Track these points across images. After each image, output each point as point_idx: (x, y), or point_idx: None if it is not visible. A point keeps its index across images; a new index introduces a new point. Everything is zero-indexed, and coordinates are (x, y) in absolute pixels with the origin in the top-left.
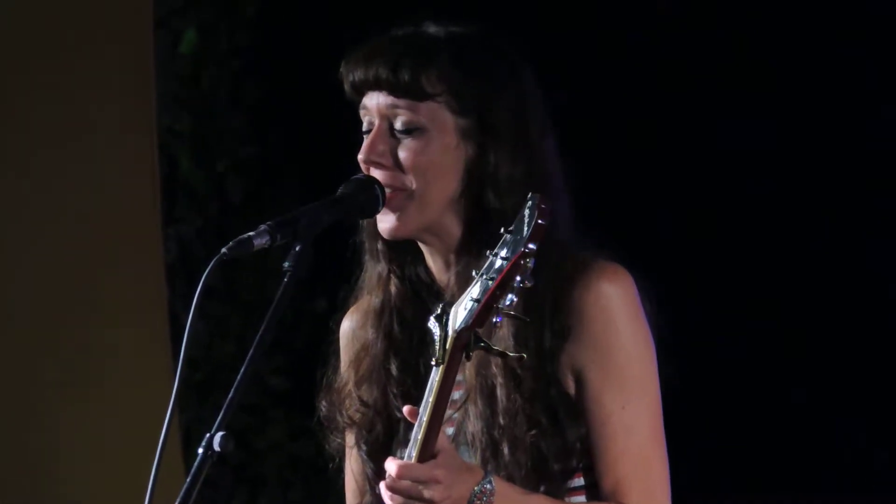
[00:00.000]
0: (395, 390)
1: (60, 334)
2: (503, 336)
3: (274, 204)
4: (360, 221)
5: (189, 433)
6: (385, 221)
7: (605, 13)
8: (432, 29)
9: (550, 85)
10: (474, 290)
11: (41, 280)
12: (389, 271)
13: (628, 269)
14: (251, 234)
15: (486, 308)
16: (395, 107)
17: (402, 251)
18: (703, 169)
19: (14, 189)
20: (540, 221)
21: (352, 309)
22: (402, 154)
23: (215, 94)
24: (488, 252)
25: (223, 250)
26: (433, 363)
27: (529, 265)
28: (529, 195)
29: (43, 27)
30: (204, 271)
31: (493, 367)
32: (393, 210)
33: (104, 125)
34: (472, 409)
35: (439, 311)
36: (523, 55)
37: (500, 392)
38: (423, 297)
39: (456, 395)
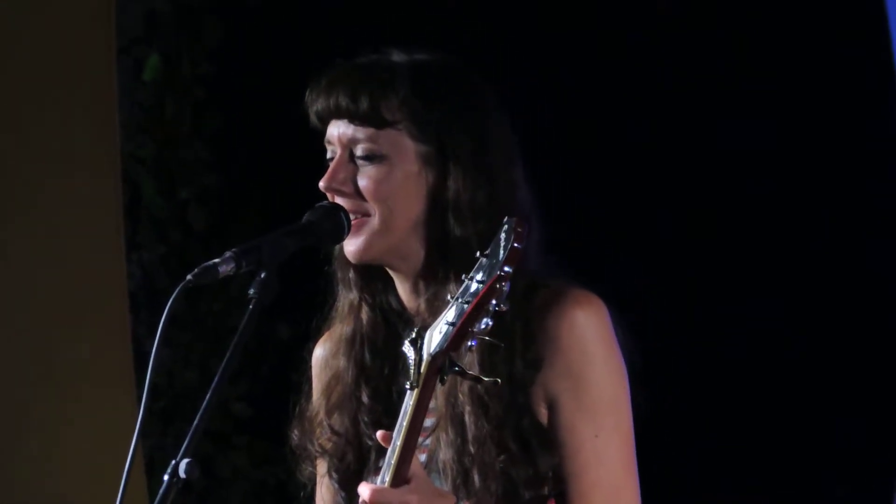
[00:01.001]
0: (365, 418)
1: (22, 361)
2: (470, 362)
3: (237, 232)
4: (334, 250)
5: (152, 460)
6: (350, 245)
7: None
8: (395, 56)
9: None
10: (449, 314)
11: (4, 308)
12: (360, 300)
13: (600, 294)
14: (216, 260)
15: (460, 332)
16: (355, 135)
17: (374, 280)
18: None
19: None
20: (516, 245)
21: (324, 337)
22: (364, 182)
23: (178, 121)
24: (464, 276)
25: (188, 277)
26: (407, 387)
27: (505, 289)
28: (506, 218)
29: (5, 57)
30: (167, 298)
31: (461, 395)
32: (357, 234)
33: (68, 152)
34: (442, 437)
35: (414, 335)
36: (491, 82)
37: (468, 419)
38: (395, 326)
39: (428, 422)
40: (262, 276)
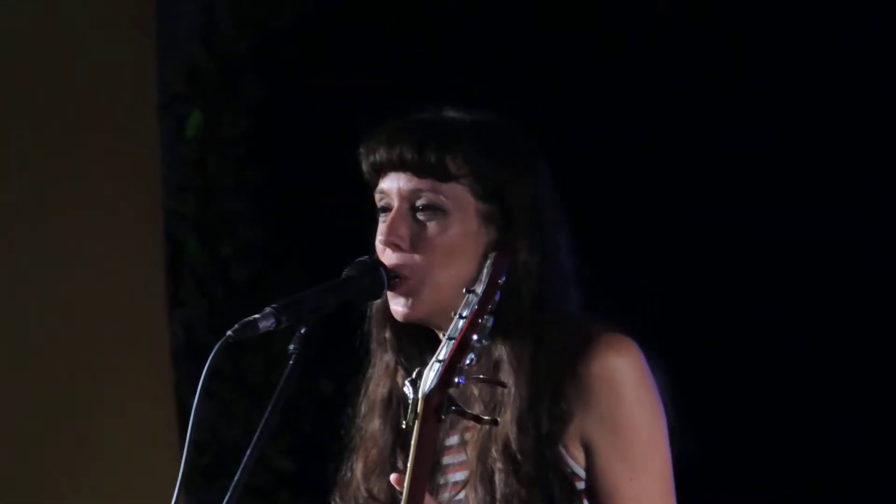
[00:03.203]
0: None
1: (67, 418)
2: (474, 402)
3: (278, 287)
4: (368, 312)
5: None
6: (397, 304)
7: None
8: (452, 114)
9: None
10: (441, 353)
11: (48, 364)
12: (397, 362)
13: (637, 331)
14: (256, 316)
15: (448, 369)
16: (418, 186)
17: (411, 341)
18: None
19: (24, 273)
20: (496, 279)
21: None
22: (423, 236)
23: (221, 177)
24: (452, 313)
25: (229, 333)
26: (403, 426)
27: (488, 324)
28: (490, 254)
29: (50, 113)
30: (209, 354)
31: (494, 452)
32: (406, 293)
33: (111, 209)
34: (471, 496)
35: (414, 375)
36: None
37: (497, 478)
38: None
39: (460, 475)
40: (302, 331)
